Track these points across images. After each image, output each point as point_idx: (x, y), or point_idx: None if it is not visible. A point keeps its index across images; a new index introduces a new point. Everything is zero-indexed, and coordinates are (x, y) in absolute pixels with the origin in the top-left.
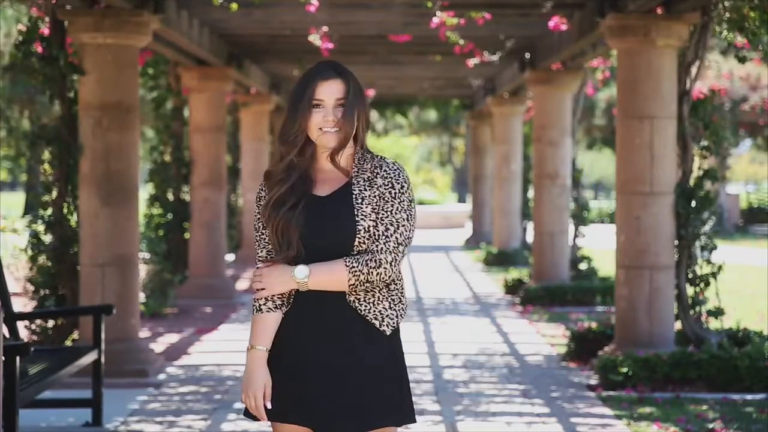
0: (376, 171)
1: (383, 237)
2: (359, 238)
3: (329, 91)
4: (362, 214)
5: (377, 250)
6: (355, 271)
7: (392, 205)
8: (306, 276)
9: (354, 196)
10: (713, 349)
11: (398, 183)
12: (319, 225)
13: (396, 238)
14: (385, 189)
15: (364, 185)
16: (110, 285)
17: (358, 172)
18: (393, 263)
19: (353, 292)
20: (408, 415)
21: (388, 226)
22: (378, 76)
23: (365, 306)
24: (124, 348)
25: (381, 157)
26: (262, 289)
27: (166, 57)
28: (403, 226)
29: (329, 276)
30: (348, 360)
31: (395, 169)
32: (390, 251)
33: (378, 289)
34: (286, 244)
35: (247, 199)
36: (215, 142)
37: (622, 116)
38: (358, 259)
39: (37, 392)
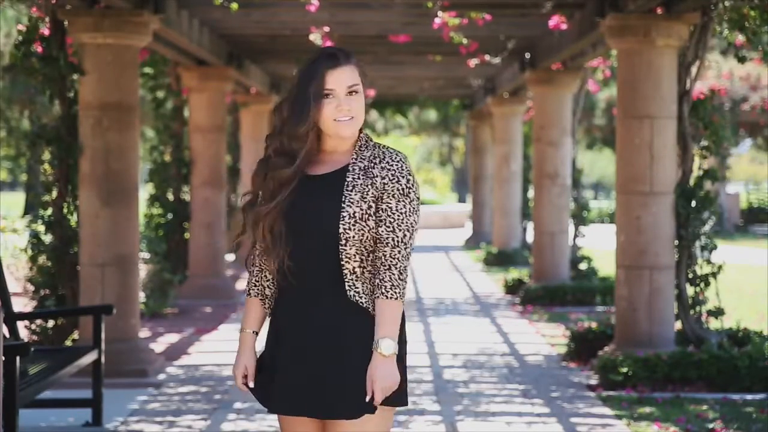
0: (375, 161)
1: (402, 243)
2: (343, 224)
3: (339, 79)
4: (350, 201)
5: (392, 259)
6: (399, 294)
7: (404, 206)
8: (389, 347)
9: (347, 183)
10: (713, 349)
11: (404, 177)
12: (301, 205)
13: (406, 242)
14: (390, 184)
15: (359, 173)
16: (110, 285)
17: (356, 159)
18: (406, 266)
19: (352, 287)
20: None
21: (405, 232)
22: (378, 76)
23: (366, 299)
24: (124, 348)
25: (382, 146)
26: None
27: (165, 57)
28: (415, 230)
29: (391, 320)
30: (342, 344)
31: (398, 161)
32: (405, 257)
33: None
34: (277, 241)
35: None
36: (215, 142)
37: (622, 116)
38: (387, 284)
39: (37, 392)
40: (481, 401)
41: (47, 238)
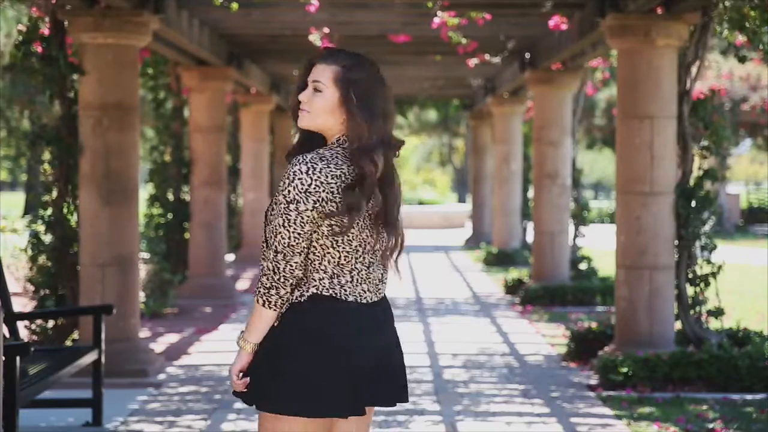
0: None
1: (270, 246)
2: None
3: (314, 74)
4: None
5: (264, 260)
6: (258, 294)
7: (273, 208)
8: (239, 337)
9: None
10: (713, 349)
11: (282, 181)
12: None
13: (275, 246)
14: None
15: None
16: (110, 285)
17: None
18: (275, 270)
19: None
20: (262, 403)
21: (270, 234)
22: None
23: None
24: (124, 348)
25: (318, 151)
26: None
27: (165, 57)
28: (279, 233)
29: (251, 319)
30: None
31: (291, 164)
32: (270, 260)
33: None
34: None
35: (247, 199)
36: (215, 142)
37: (622, 116)
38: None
39: (37, 392)
40: (481, 401)
41: (47, 238)
